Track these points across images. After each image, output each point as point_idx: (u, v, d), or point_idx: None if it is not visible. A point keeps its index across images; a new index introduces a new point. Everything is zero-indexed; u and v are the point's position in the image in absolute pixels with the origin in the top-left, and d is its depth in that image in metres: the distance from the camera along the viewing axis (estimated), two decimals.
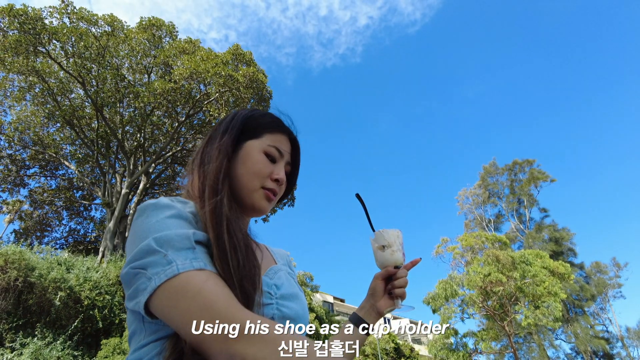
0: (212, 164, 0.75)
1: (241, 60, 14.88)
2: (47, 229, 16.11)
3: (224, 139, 0.79)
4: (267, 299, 0.71)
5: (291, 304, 0.76)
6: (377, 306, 0.87)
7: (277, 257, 0.91)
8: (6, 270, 7.81)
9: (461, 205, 31.49)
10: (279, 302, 0.73)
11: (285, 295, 0.76)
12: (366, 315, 0.88)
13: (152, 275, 0.54)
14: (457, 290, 17.44)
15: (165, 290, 0.52)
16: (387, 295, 0.88)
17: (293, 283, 0.83)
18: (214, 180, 0.72)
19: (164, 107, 13.50)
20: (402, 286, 0.86)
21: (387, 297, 0.88)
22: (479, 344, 17.79)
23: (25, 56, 11.87)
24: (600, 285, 26.49)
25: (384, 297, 0.88)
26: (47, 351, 7.26)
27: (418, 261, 0.91)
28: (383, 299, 0.88)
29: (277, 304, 0.72)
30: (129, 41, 13.44)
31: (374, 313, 0.88)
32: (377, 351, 18.89)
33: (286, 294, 0.77)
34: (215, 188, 0.70)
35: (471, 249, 19.21)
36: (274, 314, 0.72)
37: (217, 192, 0.69)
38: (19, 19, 11.45)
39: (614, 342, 26.23)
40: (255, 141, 0.81)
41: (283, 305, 0.74)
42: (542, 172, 28.97)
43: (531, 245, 26.32)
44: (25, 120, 14.13)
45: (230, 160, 0.77)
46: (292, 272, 0.91)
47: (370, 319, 0.87)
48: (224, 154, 0.76)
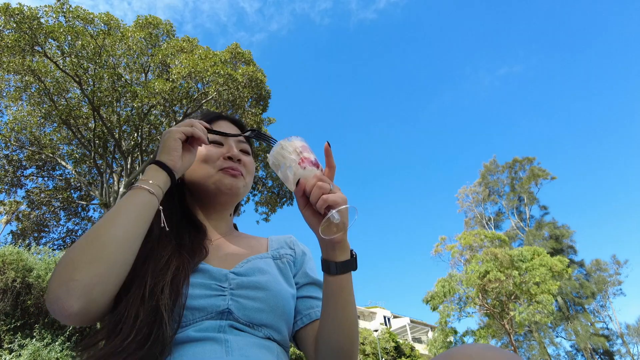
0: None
1: (240, 59, 14.82)
2: (44, 229, 16.00)
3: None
4: (212, 291, 0.70)
5: (252, 293, 0.72)
6: (317, 234, 0.69)
7: (273, 244, 0.91)
8: (4, 272, 7.75)
9: (461, 203, 31.52)
10: (234, 292, 0.71)
11: (244, 284, 0.73)
12: (323, 254, 0.71)
13: None
14: (456, 288, 17.43)
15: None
16: (319, 215, 0.68)
17: (266, 270, 0.78)
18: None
19: (162, 107, 13.41)
20: (319, 195, 0.64)
21: (320, 217, 0.68)
22: (478, 342, 17.76)
23: (22, 56, 11.77)
24: (600, 283, 26.54)
25: (318, 220, 0.68)
26: (45, 352, 7.20)
27: (327, 147, 0.70)
28: (317, 223, 0.68)
29: (231, 295, 0.71)
30: (126, 40, 13.34)
31: (323, 246, 0.71)
32: (377, 350, 18.86)
33: (245, 283, 0.73)
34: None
35: (470, 247, 19.21)
36: (230, 304, 0.69)
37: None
38: (15, 18, 11.35)
39: (614, 340, 26.29)
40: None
41: (240, 295, 0.71)
42: (542, 169, 28.99)
43: (531, 242, 26.37)
44: (22, 120, 14.02)
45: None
46: (286, 256, 0.88)
47: (325, 254, 0.71)
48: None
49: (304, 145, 0.72)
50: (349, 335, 0.72)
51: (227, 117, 0.95)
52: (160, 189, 0.69)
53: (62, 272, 0.57)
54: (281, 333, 0.75)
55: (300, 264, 0.90)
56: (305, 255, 0.92)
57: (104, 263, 0.58)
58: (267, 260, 0.83)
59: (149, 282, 0.64)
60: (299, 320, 0.81)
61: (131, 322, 0.60)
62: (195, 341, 0.65)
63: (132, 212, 0.64)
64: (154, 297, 0.62)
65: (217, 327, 0.67)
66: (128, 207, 0.64)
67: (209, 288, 0.70)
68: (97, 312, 0.59)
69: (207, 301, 0.68)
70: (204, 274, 0.72)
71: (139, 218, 0.64)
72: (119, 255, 0.60)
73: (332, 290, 0.71)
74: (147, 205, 0.66)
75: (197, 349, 0.64)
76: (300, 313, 0.82)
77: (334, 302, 0.72)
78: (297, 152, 0.70)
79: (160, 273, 0.66)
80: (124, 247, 0.61)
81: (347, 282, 0.71)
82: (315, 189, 0.65)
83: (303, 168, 0.69)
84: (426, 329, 32.06)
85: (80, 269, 0.57)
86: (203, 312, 0.68)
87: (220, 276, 0.72)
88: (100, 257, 0.58)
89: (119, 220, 0.62)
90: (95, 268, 0.57)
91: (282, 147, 0.71)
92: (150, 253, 0.69)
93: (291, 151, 0.71)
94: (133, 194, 0.66)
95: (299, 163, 0.69)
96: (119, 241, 0.60)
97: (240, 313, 0.70)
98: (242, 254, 0.83)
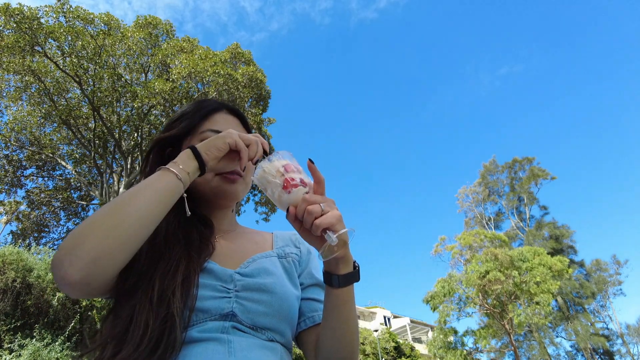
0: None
1: (240, 59, 14.83)
2: (44, 229, 16.00)
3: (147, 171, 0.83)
4: (217, 292, 0.69)
5: (257, 296, 0.71)
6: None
7: (277, 240, 0.90)
8: (4, 272, 7.74)
9: (461, 203, 31.52)
10: (239, 294, 0.70)
11: (249, 286, 0.72)
12: (325, 266, 0.70)
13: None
14: (455, 288, 17.42)
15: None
16: (317, 237, 0.66)
17: (272, 271, 0.77)
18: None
19: (162, 107, 13.41)
20: (311, 221, 0.62)
21: (318, 239, 0.66)
22: (478, 343, 17.77)
23: (22, 56, 11.78)
24: (601, 283, 26.54)
25: (316, 240, 0.67)
26: (45, 352, 7.20)
27: (310, 165, 0.67)
28: (316, 243, 0.67)
29: (236, 297, 0.70)
30: (126, 40, 13.34)
31: (331, 264, 0.69)
32: (377, 350, 18.87)
33: (250, 285, 0.72)
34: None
35: (470, 248, 19.20)
36: (234, 307, 0.69)
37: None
38: (15, 18, 11.36)
39: (614, 340, 26.29)
40: (189, 138, 0.84)
41: (245, 298, 0.70)
42: (542, 169, 28.99)
43: (531, 242, 26.37)
44: (22, 120, 14.02)
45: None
46: (292, 255, 0.87)
47: (327, 267, 0.69)
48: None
49: (286, 164, 0.67)
50: (349, 345, 0.72)
51: (226, 107, 0.91)
52: (188, 177, 0.66)
53: (73, 239, 0.56)
54: (285, 336, 0.75)
55: (306, 263, 0.89)
56: (311, 253, 0.92)
57: (116, 239, 0.57)
58: (272, 259, 0.82)
59: (159, 285, 0.63)
60: (302, 323, 0.81)
61: (142, 328, 0.59)
62: (198, 342, 0.64)
63: (154, 194, 0.62)
64: (165, 300, 0.62)
65: (220, 328, 0.67)
66: (153, 188, 0.62)
67: (214, 289, 0.69)
68: (98, 287, 0.58)
69: (211, 303, 0.68)
70: (210, 274, 0.71)
71: (160, 202, 0.62)
72: (132, 234, 0.58)
73: (334, 303, 0.70)
74: (172, 191, 0.64)
75: (199, 350, 0.63)
76: (303, 315, 0.81)
77: (336, 314, 0.71)
78: (280, 174, 0.66)
79: (170, 275, 0.65)
80: (139, 228, 0.59)
81: (349, 294, 0.70)
82: (306, 215, 0.62)
83: (288, 192, 0.65)
84: (426, 329, 32.06)
85: (91, 240, 0.56)
86: (207, 314, 0.67)
87: (225, 277, 0.72)
88: (113, 233, 0.57)
89: (141, 200, 0.60)
90: (106, 243, 0.56)
91: (264, 171, 0.67)
92: (159, 253, 0.68)
93: (274, 174, 0.66)
94: (160, 176, 0.64)
95: (283, 188, 0.65)
96: (135, 221, 0.59)
97: (244, 316, 0.69)
98: (247, 252, 0.82)
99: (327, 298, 0.72)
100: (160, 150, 0.85)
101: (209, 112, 0.88)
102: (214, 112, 0.88)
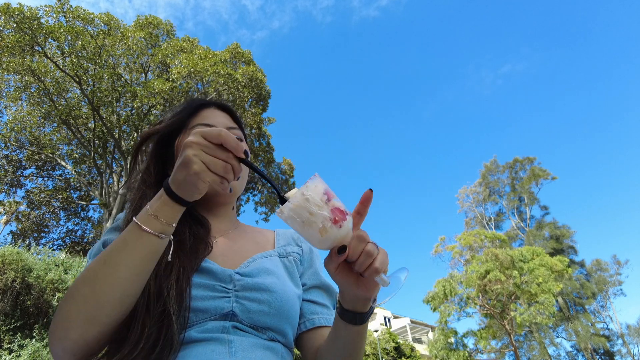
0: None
1: (240, 59, 14.83)
2: (44, 230, 16.00)
3: (144, 167, 0.86)
4: (216, 292, 0.68)
5: (257, 295, 0.70)
6: (360, 296, 0.60)
7: (279, 239, 0.89)
8: (4, 272, 7.73)
9: (462, 203, 31.52)
10: (239, 293, 0.69)
11: (249, 286, 0.71)
12: (346, 304, 0.64)
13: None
14: (456, 288, 17.41)
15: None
16: (362, 278, 0.59)
17: (273, 271, 0.76)
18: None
19: (162, 107, 13.40)
20: (368, 264, 0.55)
21: (365, 281, 0.59)
22: (479, 343, 17.76)
23: (22, 56, 11.77)
24: (601, 283, 26.52)
25: (360, 282, 0.59)
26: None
27: (369, 195, 0.58)
28: (361, 286, 0.59)
29: (235, 297, 0.69)
30: (126, 40, 13.34)
31: (348, 297, 0.63)
32: (377, 350, 18.85)
33: (250, 284, 0.71)
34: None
35: (470, 248, 19.19)
36: (234, 307, 0.68)
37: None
38: (15, 18, 11.35)
39: (615, 340, 26.26)
40: (181, 135, 0.84)
41: (244, 297, 0.69)
42: (542, 169, 28.99)
43: (532, 243, 26.37)
44: (22, 120, 14.02)
45: (152, 187, 0.79)
46: (293, 254, 0.86)
47: (350, 305, 0.63)
48: (146, 186, 0.80)
49: (327, 190, 0.54)
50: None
51: (214, 104, 0.89)
52: (172, 228, 0.59)
53: (59, 328, 0.57)
54: (286, 336, 0.74)
55: (308, 263, 0.88)
56: (313, 252, 0.91)
57: (98, 325, 0.57)
58: (273, 259, 0.81)
59: (154, 286, 0.62)
60: (302, 324, 0.80)
61: (139, 328, 0.59)
62: (199, 342, 0.64)
63: (134, 266, 0.56)
64: (161, 300, 0.61)
65: (220, 327, 0.66)
66: (131, 256, 0.56)
67: (213, 289, 0.68)
68: (94, 352, 0.60)
69: (211, 303, 0.67)
70: (209, 274, 0.70)
71: (143, 272, 0.58)
72: (115, 314, 0.57)
73: (350, 338, 0.66)
74: (155, 254, 0.58)
75: (200, 350, 0.63)
76: (303, 317, 0.80)
77: (351, 349, 0.67)
78: (325, 203, 0.53)
79: (164, 275, 0.64)
80: (122, 305, 0.57)
81: (365, 329, 0.67)
82: (362, 256, 0.54)
83: (339, 227, 0.53)
84: (426, 330, 32.06)
85: (76, 328, 0.56)
86: (207, 314, 0.67)
87: (224, 277, 0.71)
88: (94, 318, 0.56)
89: (119, 274, 0.56)
90: (90, 328, 0.56)
91: (307, 200, 0.53)
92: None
93: (319, 204, 0.53)
94: (138, 239, 0.57)
95: (334, 221, 0.53)
96: (116, 301, 0.56)
97: (244, 316, 0.68)
98: (248, 251, 0.81)
99: (343, 334, 0.66)
100: (155, 146, 0.87)
101: (197, 107, 0.87)
102: (202, 107, 0.88)
